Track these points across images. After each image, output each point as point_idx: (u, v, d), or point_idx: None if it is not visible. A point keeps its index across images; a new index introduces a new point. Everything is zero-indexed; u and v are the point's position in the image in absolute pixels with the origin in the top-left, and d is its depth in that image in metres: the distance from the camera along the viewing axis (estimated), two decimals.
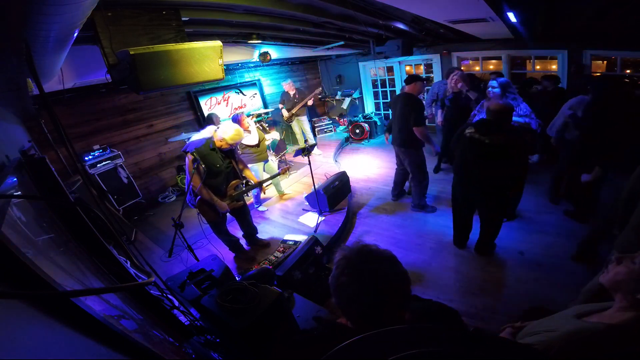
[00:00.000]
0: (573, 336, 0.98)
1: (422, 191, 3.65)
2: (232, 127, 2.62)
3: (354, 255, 0.79)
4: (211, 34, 3.35)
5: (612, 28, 3.68)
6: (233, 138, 2.59)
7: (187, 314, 1.66)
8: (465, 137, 2.42)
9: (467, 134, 2.39)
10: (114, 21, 2.11)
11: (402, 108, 3.30)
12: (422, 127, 3.20)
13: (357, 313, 0.78)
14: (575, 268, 2.53)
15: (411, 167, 3.54)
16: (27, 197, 0.95)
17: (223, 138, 2.58)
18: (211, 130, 2.77)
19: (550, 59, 5.52)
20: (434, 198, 3.94)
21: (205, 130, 2.87)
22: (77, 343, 0.65)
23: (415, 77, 3.31)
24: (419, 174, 3.53)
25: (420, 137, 3.24)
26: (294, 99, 5.56)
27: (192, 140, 2.66)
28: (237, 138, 2.62)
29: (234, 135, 2.58)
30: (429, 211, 3.71)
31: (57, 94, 2.91)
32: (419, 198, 3.69)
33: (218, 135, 2.61)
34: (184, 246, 2.69)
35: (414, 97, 3.25)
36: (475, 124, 2.40)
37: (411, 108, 3.20)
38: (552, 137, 3.36)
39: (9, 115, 1.83)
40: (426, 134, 3.24)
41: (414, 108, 3.19)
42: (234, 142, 2.63)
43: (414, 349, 0.42)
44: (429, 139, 3.29)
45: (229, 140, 2.58)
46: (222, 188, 2.74)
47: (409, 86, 3.32)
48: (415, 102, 3.22)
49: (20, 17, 0.92)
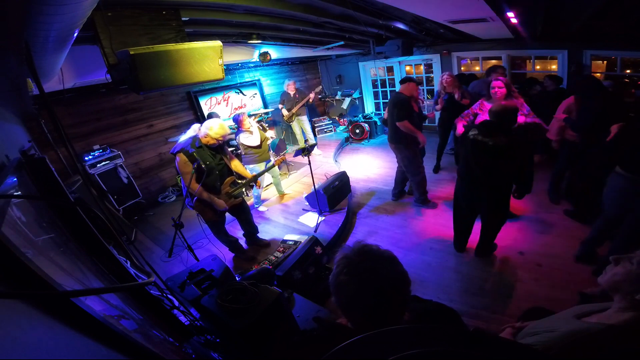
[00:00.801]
0: (573, 336, 0.98)
1: (421, 185, 3.71)
2: (216, 122, 2.58)
3: (353, 254, 0.79)
4: (211, 34, 3.35)
5: (612, 28, 3.68)
6: (218, 132, 2.54)
7: (187, 314, 1.66)
8: (469, 139, 2.41)
9: (471, 136, 2.38)
10: (114, 21, 2.11)
11: (390, 106, 3.45)
12: (403, 122, 3.29)
13: (356, 313, 0.78)
14: (575, 268, 2.53)
15: (403, 162, 3.65)
16: (27, 197, 0.95)
17: (207, 134, 2.54)
18: (195, 128, 2.75)
19: (550, 59, 5.52)
20: (434, 198, 3.93)
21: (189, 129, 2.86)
22: (77, 343, 0.65)
23: (408, 78, 3.46)
24: (411, 168, 3.62)
25: (405, 130, 3.33)
26: (294, 99, 5.56)
27: (180, 141, 2.64)
28: (222, 132, 2.57)
29: (218, 129, 2.54)
30: (430, 206, 3.76)
31: (57, 94, 2.91)
32: (419, 192, 3.75)
33: (202, 131, 2.57)
34: (184, 246, 2.69)
35: (400, 95, 3.36)
36: (478, 126, 2.40)
37: (395, 105, 3.34)
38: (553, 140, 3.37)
39: (9, 115, 1.83)
40: (409, 127, 3.31)
41: (397, 104, 3.32)
42: (219, 137, 2.57)
43: (414, 349, 0.42)
44: (413, 131, 3.35)
45: (214, 135, 2.54)
46: (216, 185, 2.70)
47: (402, 86, 3.44)
48: (399, 99, 3.34)
49: (20, 17, 0.92)
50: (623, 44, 4.02)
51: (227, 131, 2.66)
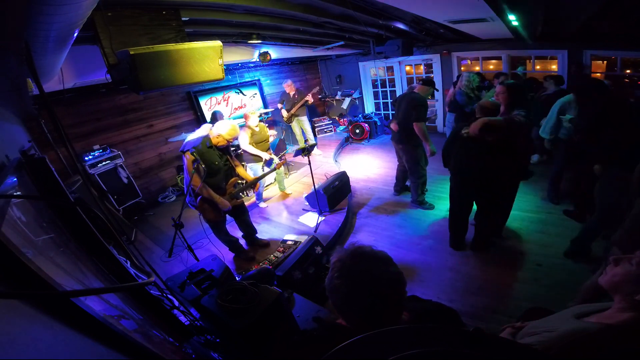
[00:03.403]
0: (572, 336, 0.98)
1: (421, 187, 3.72)
2: (228, 123, 2.63)
3: (347, 257, 0.79)
4: (211, 34, 3.35)
5: (612, 28, 3.68)
6: (230, 134, 2.59)
7: (187, 314, 1.66)
8: (462, 137, 2.46)
9: (464, 134, 2.43)
10: (114, 21, 2.11)
11: (406, 105, 3.40)
12: (422, 124, 3.29)
13: (352, 314, 0.78)
14: (575, 268, 2.53)
15: (409, 163, 3.64)
16: (27, 197, 0.95)
17: (220, 134, 2.58)
18: (207, 128, 2.76)
19: (550, 59, 5.52)
20: (434, 197, 3.94)
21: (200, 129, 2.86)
22: (77, 343, 0.65)
23: (431, 83, 3.51)
24: (416, 170, 3.62)
25: (418, 133, 3.33)
26: (293, 99, 5.56)
27: (189, 140, 2.65)
28: (234, 133, 2.62)
29: (230, 130, 2.59)
30: (427, 208, 3.76)
31: (57, 94, 2.91)
32: (417, 194, 3.77)
33: (214, 132, 2.61)
34: (184, 246, 2.69)
35: (418, 96, 3.37)
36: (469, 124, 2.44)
37: (413, 106, 3.31)
38: (545, 139, 3.37)
39: (9, 115, 1.83)
40: (424, 131, 3.31)
41: (416, 106, 3.30)
42: (230, 138, 2.63)
43: (414, 349, 0.42)
44: (426, 137, 3.35)
45: (226, 136, 2.59)
46: (222, 185, 2.74)
47: (420, 87, 3.45)
48: (419, 101, 3.33)
49: (20, 17, 0.92)
50: (623, 44, 4.02)
51: (238, 132, 2.74)
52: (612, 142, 2.35)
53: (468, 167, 2.51)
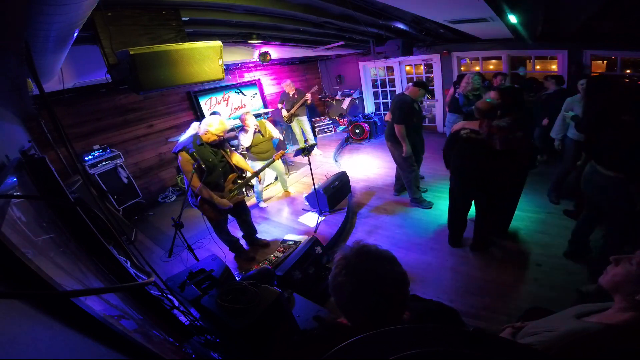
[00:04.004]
0: (573, 336, 0.98)
1: (414, 184, 3.77)
2: (216, 118, 2.58)
3: (352, 255, 0.79)
4: (211, 34, 3.35)
5: (612, 28, 3.68)
6: (218, 129, 2.54)
7: (187, 314, 1.66)
8: (461, 138, 2.47)
9: (463, 134, 2.44)
10: (114, 21, 2.11)
11: (393, 105, 3.53)
12: (401, 126, 3.40)
13: (356, 312, 0.78)
14: (575, 268, 2.53)
15: (397, 160, 3.74)
16: (27, 197, 0.95)
17: (207, 130, 2.53)
18: (195, 126, 2.75)
19: (550, 59, 5.52)
20: (434, 197, 3.94)
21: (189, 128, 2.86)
22: (77, 343, 0.65)
23: (423, 84, 3.55)
24: (404, 166, 3.69)
25: (397, 134, 3.44)
26: (293, 99, 5.56)
27: (181, 140, 2.64)
28: (222, 128, 2.56)
29: (218, 125, 2.54)
30: (426, 206, 3.78)
31: (57, 94, 2.91)
32: (412, 191, 3.81)
33: (202, 129, 2.56)
34: (184, 246, 2.69)
35: (405, 98, 3.44)
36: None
37: (397, 106, 3.42)
38: (555, 140, 3.36)
39: (9, 115, 1.83)
40: (402, 134, 3.42)
41: (398, 107, 3.40)
42: (220, 133, 2.56)
43: (414, 349, 0.42)
44: (403, 138, 3.44)
45: (214, 131, 2.53)
46: (220, 182, 2.70)
47: (410, 88, 3.50)
48: (402, 102, 3.41)
49: (20, 17, 0.92)
50: (623, 44, 4.02)
51: (227, 127, 2.67)
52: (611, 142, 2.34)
53: (467, 167, 2.52)
